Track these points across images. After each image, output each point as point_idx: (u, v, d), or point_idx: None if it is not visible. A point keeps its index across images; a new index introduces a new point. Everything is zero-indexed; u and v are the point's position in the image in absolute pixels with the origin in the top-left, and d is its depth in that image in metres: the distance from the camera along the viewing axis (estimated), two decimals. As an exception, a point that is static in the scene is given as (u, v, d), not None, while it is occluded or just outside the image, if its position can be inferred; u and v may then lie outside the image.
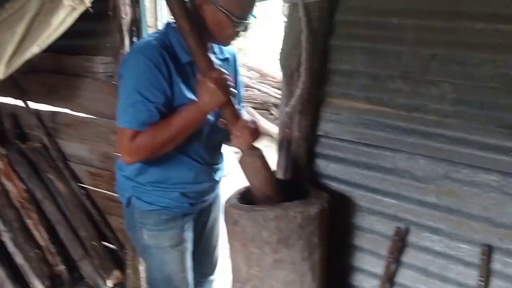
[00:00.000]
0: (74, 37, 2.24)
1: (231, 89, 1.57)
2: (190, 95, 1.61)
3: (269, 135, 5.36)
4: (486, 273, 1.64)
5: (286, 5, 1.69)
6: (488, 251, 1.62)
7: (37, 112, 2.89)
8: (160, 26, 2.36)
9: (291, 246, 1.59)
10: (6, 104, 3.06)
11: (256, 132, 1.62)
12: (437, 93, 1.59)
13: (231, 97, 1.57)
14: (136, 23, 2.30)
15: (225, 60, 1.79)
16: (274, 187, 1.65)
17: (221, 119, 1.65)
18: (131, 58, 1.58)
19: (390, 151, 1.76)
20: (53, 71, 2.70)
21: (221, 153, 1.90)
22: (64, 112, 2.82)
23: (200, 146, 1.72)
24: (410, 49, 1.60)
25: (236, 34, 1.62)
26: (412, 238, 1.81)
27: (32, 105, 2.90)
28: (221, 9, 1.51)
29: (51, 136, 2.88)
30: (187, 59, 1.59)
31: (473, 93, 1.53)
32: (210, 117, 1.65)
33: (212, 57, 1.64)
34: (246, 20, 1.57)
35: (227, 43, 1.69)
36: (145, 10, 2.30)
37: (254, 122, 1.63)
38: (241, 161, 1.64)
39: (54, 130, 2.88)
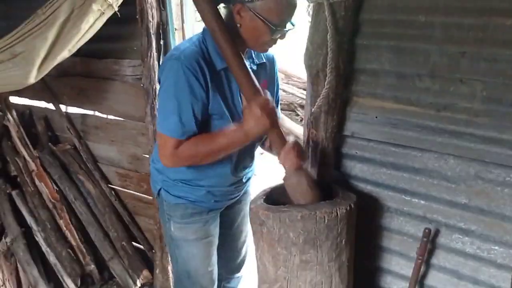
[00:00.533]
0: (102, 41, 2.30)
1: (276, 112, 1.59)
2: (225, 103, 1.64)
3: (295, 135, 5.33)
4: (520, 275, 1.59)
5: (311, 4, 1.67)
6: (522, 253, 1.58)
7: (67, 115, 2.97)
8: (187, 29, 2.39)
9: (318, 247, 1.58)
10: (38, 107, 3.15)
11: (301, 154, 1.64)
12: (467, 92, 1.55)
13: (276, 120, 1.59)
14: (163, 26, 2.33)
15: (262, 64, 1.80)
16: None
17: (267, 143, 1.70)
18: (170, 66, 1.58)
19: (418, 151, 1.73)
20: (83, 74, 2.77)
21: (252, 156, 1.91)
22: (94, 115, 2.89)
23: (238, 155, 1.74)
24: (438, 47, 1.56)
25: (273, 42, 1.63)
26: (442, 239, 1.77)
27: (63, 108, 2.98)
28: (260, 16, 1.51)
29: (81, 138, 2.96)
30: (222, 66, 1.60)
31: (505, 91, 1.49)
32: None
33: (247, 63, 1.66)
34: (284, 27, 1.57)
35: (264, 50, 1.69)
36: (172, 13, 2.33)
37: (298, 144, 1.65)
38: (288, 182, 1.66)
39: (84, 132, 2.95)
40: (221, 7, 1.55)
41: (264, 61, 1.82)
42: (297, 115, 6.37)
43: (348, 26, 1.66)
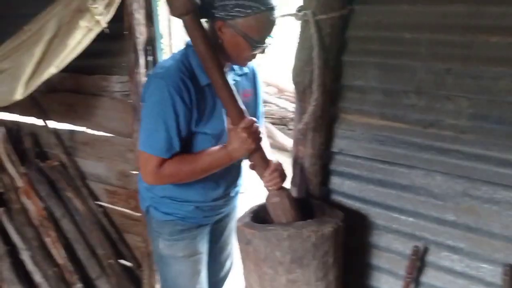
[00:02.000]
0: (91, 57, 2.29)
1: (260, 135, 1.61)
2: (208, 119, 1.64)
3: (286, 150, 5.33)
4: (509, 294, 1.57)
5: (299, 21, 1.68)
6: (511, 271, 1.56)
7: (55, 131, 2.94)
8: (174, 45, 2.39)
9: (305, 266, 1.55)
10: (26, 123, 3.12)
11: (284, 175, 1.67)
12: (453, 108, 1.55)
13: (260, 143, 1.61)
14: (151, 43, 2.33)
15: (244, 75, 1.80)
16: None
17: (250, 163, 1.68)
18: (154, 84, 1.58)
19: (406, 168, 1.72)
20: (71, 90, 2.74)
21: (239, 171, 1.91)
22: (82, 131, 2.86)
23: (224, 171, 1.72)
24: (424, 64, 1.57)
25: (253, 57, 1.64)
26: (431, 257, 1.75)
27: (51, 124, 2.95)
28: (241, 33, 1.52)
29: (69, 154, 2.92)
30: (206, 82, 1.60)
31: (490, 108, 1.49)
32: None
33: (231, 75, 1.67)
34: (264, 43, 1.58)
35: (244, 64, 1.71)
36: (160, 29, 2.32)
37: (280, 165, 1.67)
38: (270, 202, 1.67)
39: (72, 149, 2.92)
40: (203, 22, 1.54)
41: (247, 71, 1.82)
42: (290, 129, 6.38)
43: (335, 43, 1.67)
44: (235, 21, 1.51)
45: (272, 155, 1.73)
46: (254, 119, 1.59)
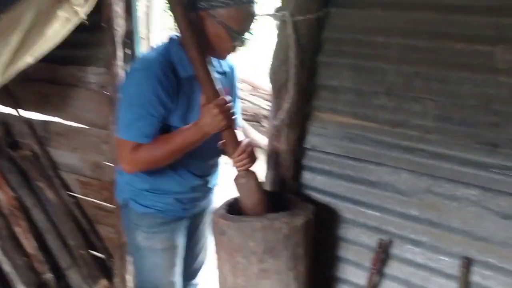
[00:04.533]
0: (67, 48, 2.27)
1: (233, 116, 1.64)
2: (184, 111, 1.68)
3: (259, 147, 5.39)
4: (466, 285, 1.68)
5: (276, 21, 1.74)
6: (468, 263, 1.67)
7: (29, 121, 2.91)
8: (152, 37, 2.41)
9: (277, 257, 1.62)
10: (-1, 112, 3.09)
11: (253, 156, 1.70)
12: (420, 110, 1.65)
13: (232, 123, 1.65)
14: (130, 35, 2.34)
15: (224, 73, 1.84)
16: (265, 206, 1.71)
17: (220, 142, 1.72)
18: (135, 75, 1.63)
19: (374, 165, 1.81)
20: (46, 80, 2.73)
21: (216, 163, 1.95)
22: (56, 121, 2.85)
23: (197, 159, 1.76)
24: (394, 67, 1.66)
25: (233, 49, 1.68)
26: (395, 250, 1.85)
27: (24, 113, 2.92)
28: (222, 23, 1.57)
29: (42, 144, 2.90)
30: (186, 75, 1.64)
31: (454, 110, 1.59)
32: None
33: (212, 71, 1.71)
34: (243, 35, 1.63)
35: (224, 57, 1.75)
36: (138, 22, 2.35)
37: (251, 146, 1.71)
38: (237, 182, 1.70)
39: (45, 139, 2.90)
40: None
41: (226, 70, 1.87)
42: (262, 126, 6.44)
43: (311, 44, 1.74)
44: (217, 11, 1.57)
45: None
46: (229, 97, 1.64)
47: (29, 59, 2.16)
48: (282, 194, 1.89)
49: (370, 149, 1.79)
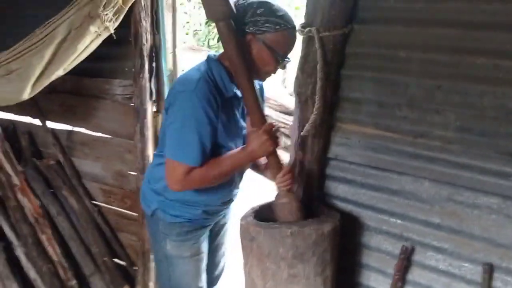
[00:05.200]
0: (94, 61, 2.37)
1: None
2: (228, 129, 1.77)
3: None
4: (487, 290, 1.74)
5: (303, 36, 1.82)
6: (489, 269, 1.73)
7: (53, 131, 3.00)
8: (177, 53, 2.51)
9: (306, 262, 1.69)
10: (22, 122, 3.17)
11: (295, 178, 1.83)
12: (441, 121, 1.71)
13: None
14: (156, 50, 2.44)
15: None
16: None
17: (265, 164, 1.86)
18: (186, 97, 1.67)
19: (396, 174, 1.88)
20: (71, 92, 2.82)
21: (242, 176, 2.04)
22: (80, 131, 2.94)
23: (235, 176, 1.86)
24: (416, 80, 1.73)
25: (275, 71, 1.78)
26: (417, 257, 1.91)
27: (49, 124, 3.01)
28: (268, 46, 1.67)
29: (66, 154, 2.98)
30: (229, 95, 1.74)
31: (475, 122, 1.66)
32: None
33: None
34: (287, 58, 1.73)
35: (264, 79, 1.86)
36: (165, 37, 2.44)
37: (293, 169, 1.84)
38: (279, 202, 1.80)
39: (69, 148, 2.98)
40: None
41: (257, 87, 1.95)
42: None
43: (335, 58, 1.82)
44: (264, 35, 1.67)
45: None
46: (274, 123, 1.73)
47: (60, 71, 2.27)
48: (307, 202, 1.96)
49: (392, 159, 1.86)
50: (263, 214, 1.87)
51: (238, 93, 1.77)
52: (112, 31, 2.25)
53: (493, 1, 1.54)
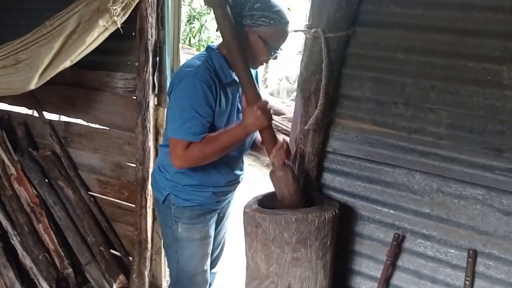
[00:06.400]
0: (97, 54, 2.44)
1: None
2: (225, 113, 1.89)
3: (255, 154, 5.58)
4: (472, 274, 1.91)
5: (308, 36, 1.95)
6: (474, 255, 1.89)
7: (50, 122, 3.04)
8: (181, 47, 2.60)
9: (308, 246, 1.81)
10: (17, 113, 3.20)
11: (289, 152, 1.92)
12: (434, 118, 1.87)
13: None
14: (160, 45, 2.52)
15: None
16: (300, 196, 1.91)
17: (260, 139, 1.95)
18: (187, 81, 1.81)
19: (390, 167, 2.03)
20: (71, 84, 2.87)
21: (243, 159, 2.18)
22: (77, 123, 2.99)
23: (231, 155, 1.95)
24: (412, 80, 1.88)
25: (267, 61, 1.94)
26: (407, 244, 2.06)
27: (47, 115, 3.05)
28: (262, 39, 1.82)
29: (63, 145, 3.03)
30: (226, 81, 1.87)
31: (465, 120, 1.81)
32: None
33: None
34: (278, 50, 1.88)
35: (256, 67, 2.00)
36: (169, 33, 2.53)
37: (287, 143, 1.92)
38: (274, 175, 1.90)
39: (66, 140, 3.03)
40: None
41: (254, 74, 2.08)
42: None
43: (338, 57, 1.95)
44: (260, 28, 1.82)
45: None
46: (268, 100, 1.85)
47: (67, 63, 2.34)
48: (307, 191, 2.09)
49: (387, 153, 2.00)
50: (265, 202, 1.99)
51: (237, 79, 1.89)
52: (120, 26, 2.33)
53: (485, 11, 1.70)
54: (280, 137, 1.97)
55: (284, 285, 1.86)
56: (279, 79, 10.81)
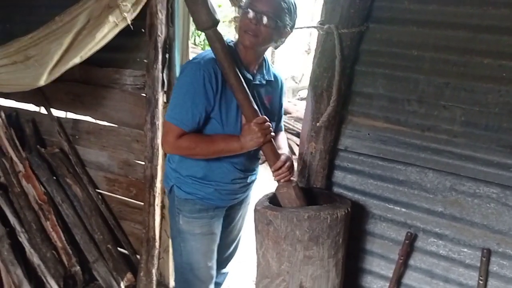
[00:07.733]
0: (106, 51, 2.42)
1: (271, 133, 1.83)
2: (225, 108, 1.86)
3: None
4: (485, 274, 1.88)
5: (321, 32, 1.93)
6: (487, 254, 1.87)
7: (58, 119, 3.03)
8: (191, 44, 2.58)
9: (320, 244, 1.79)
10: (25, 110, 3.19)
11: (292, 169, 1.89)
12: (449, 116, 1.85)
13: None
14: (170, 42, 2.51)
15: (269, 82, 2.02)
16: None
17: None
18: (190, 67, 1.81)
19: (402, 165, 2.01)
20: (80, 80, 2.85)
21: (257, 160, 2.12)
22: (86, 120, 2.98)
23: (242, 155, 1.93)
24: (426, 77, 1.86)
25: (246, 26, 1.78)
26: (419, 243, 2.04)
27: (54, 112, 3.04)
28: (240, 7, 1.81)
29: (71, 142, 3.02)
30: None
31: (480, 117, 1.80)
32: None
33: (258, 76, 1.92)
34: (247, 8, 1.77)
35: (245, 41, 1.81)
36: (179, 30, 2.51)
37: (289, 159, 1.89)
38: (278, 192, 1.90)
39: (74, 137, 3.02)
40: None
41: (271, 79, 2.05)
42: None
43: (351, 54, 1.93)
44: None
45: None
46: (265, 117, 1.82)
47: (77, 59, 2.31)
48: (314, 190, 2.07)
49: (400, 151, 1.98)
50: (276, 200, 1.97)
51: (249, 76, 1.89)
52: (130, 22, 2.31)
53: (501, 7, 1.68)
54: (285, 151, 1.98)
55: (296, 283, 1.84)
56: (285, 78, 10.79)
